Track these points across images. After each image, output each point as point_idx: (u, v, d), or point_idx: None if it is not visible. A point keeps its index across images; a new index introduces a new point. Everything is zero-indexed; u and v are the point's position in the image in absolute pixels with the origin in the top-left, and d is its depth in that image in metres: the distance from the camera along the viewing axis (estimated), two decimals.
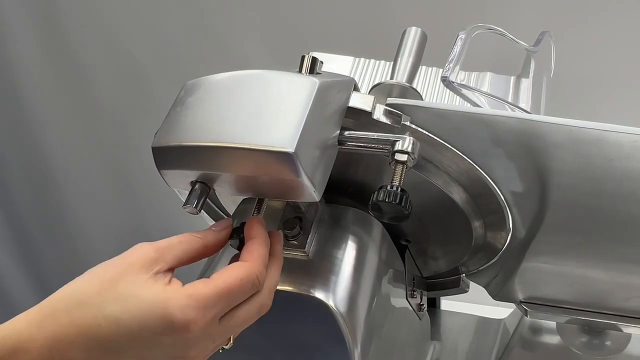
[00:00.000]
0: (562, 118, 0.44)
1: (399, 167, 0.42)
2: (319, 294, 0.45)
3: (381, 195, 0.40)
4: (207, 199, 0.61)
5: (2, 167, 1.13)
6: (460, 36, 0.54)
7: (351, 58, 0.62)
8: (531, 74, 0.58)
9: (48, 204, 1.18)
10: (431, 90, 0.58)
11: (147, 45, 0.99)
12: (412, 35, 0.55)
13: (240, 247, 0.40)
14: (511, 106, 0.52)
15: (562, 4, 0.81)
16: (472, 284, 0.62)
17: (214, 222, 0.63)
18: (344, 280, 0.46)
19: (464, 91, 0.50)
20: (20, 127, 1.06)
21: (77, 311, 0.33)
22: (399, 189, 0.41)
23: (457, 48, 0.52)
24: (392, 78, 0.51)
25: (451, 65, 0.50)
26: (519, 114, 0.50)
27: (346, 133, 0.44)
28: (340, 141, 0.44)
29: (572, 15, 0.81)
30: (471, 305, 0.76)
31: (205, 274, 0.48)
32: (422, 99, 0.49)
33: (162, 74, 0.99)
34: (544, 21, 0.80)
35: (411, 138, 0.43)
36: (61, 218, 1.19)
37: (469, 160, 0.47)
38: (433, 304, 0.73)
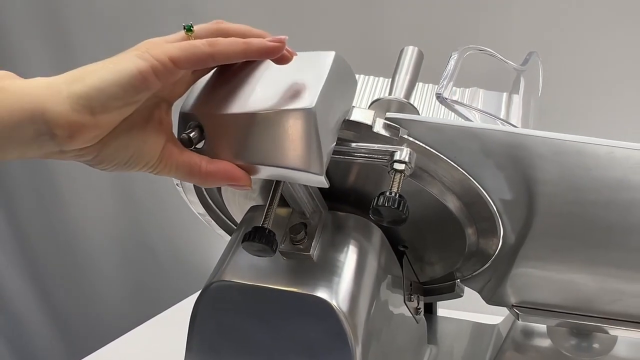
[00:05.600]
0: (545, 131, 0.45)
1: (397, 176, 0.44)
2: (323, 294, 0.46)
3: (381, 200, 0.42)
4: (215, 207, 0.62)
5: (3, 173, 1.14)
6: (452, 56, 0.55)
7: None
8: (521, 91, 0.58)
9: (49, 210, 1.18)
10: (427, 106, 0.58)
11: None
12: (410, 54, 0.55)
13: None
14: (501, 121, 0.53)
15: (550, 26, 0.83)
16: (466, 292, 0.62)
17: (221, 230, 0.65)
18: (346, 281, 0.47)
19: (457, 107, 0.51)
20: None
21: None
22: (397, 195, 0.42)
23: (450, 67, 0.53)
24: (390, 94, 0.52)
25: (445, 82, 0.51)
26: (505, 127, 0.51)
27: (348, 144, 0.46)
28: (343, 152, 0.46)
29: (559, 37, 0.83)
30: (466, 313, 0.76)
31: (217, 273, 0.49)
32: (418, 114, 0.50)
33: None
34: (533, 41, 0.83)
35: (408, 149, 0.45)
36: (62, 224, 1.19)
37: (462, 170, 0.48)
38: (429, 310, 0.73)
